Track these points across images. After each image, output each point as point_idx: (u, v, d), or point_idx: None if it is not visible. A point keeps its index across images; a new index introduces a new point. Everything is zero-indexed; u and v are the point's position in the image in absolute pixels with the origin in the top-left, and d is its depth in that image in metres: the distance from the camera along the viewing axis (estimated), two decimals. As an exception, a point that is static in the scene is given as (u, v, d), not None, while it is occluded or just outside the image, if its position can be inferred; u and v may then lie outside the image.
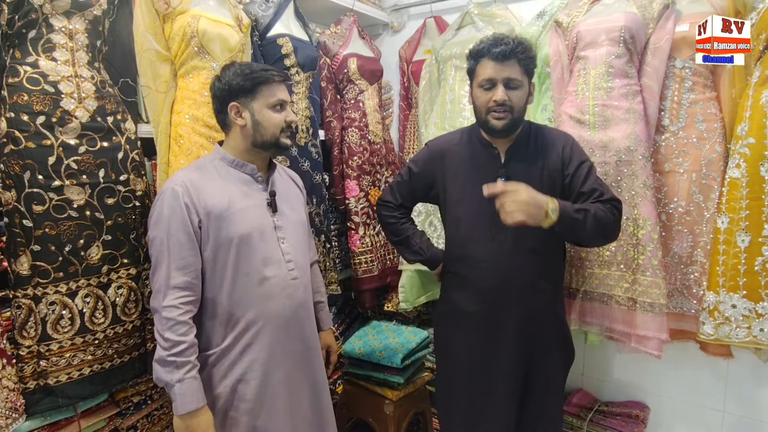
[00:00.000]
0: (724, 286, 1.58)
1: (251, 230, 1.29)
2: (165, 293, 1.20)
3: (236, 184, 1.31)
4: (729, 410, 1.88)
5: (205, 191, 1.26)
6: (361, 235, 2.17)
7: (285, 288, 1.33)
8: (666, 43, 1.67)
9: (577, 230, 1.30)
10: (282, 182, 1.44)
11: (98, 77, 1.37)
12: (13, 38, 1.26)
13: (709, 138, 1.65)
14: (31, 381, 1.27)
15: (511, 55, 1.34)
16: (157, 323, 1.21)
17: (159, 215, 1.23)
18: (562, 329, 1.53)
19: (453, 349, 1.54)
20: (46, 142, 1.26)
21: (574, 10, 1.85)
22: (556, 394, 1.54)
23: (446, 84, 2.09)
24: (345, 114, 2.23)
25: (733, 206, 1.56)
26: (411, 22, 2.59)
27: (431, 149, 1.58)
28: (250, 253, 1.28)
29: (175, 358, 1.18)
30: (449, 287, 1.58)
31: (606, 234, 1.36)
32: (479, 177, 1.42)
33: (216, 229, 1.25)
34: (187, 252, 1.22)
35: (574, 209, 1.29)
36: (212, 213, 1.25)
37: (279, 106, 1.31)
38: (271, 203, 1.35)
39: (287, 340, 1.35)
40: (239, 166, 1.33)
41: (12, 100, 1.23)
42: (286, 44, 1.87)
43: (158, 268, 1.22)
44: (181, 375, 1.18)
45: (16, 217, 1.24)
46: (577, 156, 1.43)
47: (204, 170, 1.30)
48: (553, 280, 1.50)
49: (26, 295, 1.25)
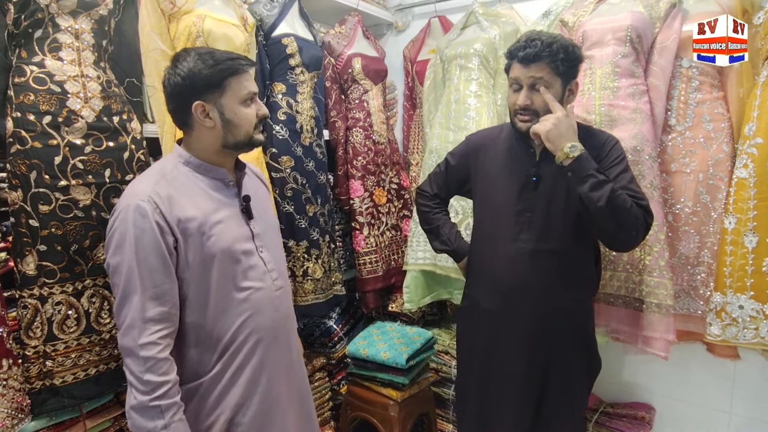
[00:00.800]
0: (731, 286, 1.57)
1: (231, 243, 1.14)
2: (141, 329, 1.03)
3: (207, 192, 1.15)
4: (736, 412, 1.87)
5: (177, 205, 1.09)
6: (365, 236, 2.17)
7: (272, 300, 1.22)
8: (673, 43, 1.66)
9: (588, 191, 1.22)
10: (250, 182, 1.29)
11: (104, 77, 1.36)
12: (19, 38, 1.25)
13: (717, 138, 1.65)
14: (37, 381, 1.26)
15: (537, 58, 1.29)
16: (132, 365, 1.04)
17: (122, 237, 1.05)
18: (585, 337, 1.48)
19: (470, 345, 1.55)
20: (53, 142, 1.26)
21: (579, 10, 1.84)
22: (576, 405, 1.48)
23: (451, 84, 2.09)
24: (349, 114, 2.22)
25: (741, 207, 1.55)
26: (415, 22, 2.59)
27: (469, 143, 1.59)
28: (233, 267, 1.15)
29: (159, 402, 1.03)
30: (471, 283, 1.58)
31: (618, 217, 1.24)
32: (511, 175, 1.43)
33: (194, 248, 1.10)
34: (162, 278, 1.06)
35: (595, 168, 1.23)
36: (188, 230, 1.09)
37: (250, 99, 1.16)
38: (245, 209, 1.20)
39: (277, 354, 1.24)
40: (207, 170, 1.17)
41: (18, 100, 1.23)
42: (291, 44, 1.87)
43: (127, 301, 1.05)
44: (167, 420, 1.04)
45: (23, 216, 1.24)
46: (614, 155, 1.36)
47: (170, 179, 1.12)
48: (575, 283, 1.42)
49: (32, 295, 1.25)
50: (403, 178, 2.36)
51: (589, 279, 1.50)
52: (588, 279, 1.49)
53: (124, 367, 1.06)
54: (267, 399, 1.21)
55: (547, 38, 1.30)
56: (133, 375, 1.04)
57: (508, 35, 2.01)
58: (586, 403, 1.57)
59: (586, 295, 1.50)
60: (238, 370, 1.16)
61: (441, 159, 2.03)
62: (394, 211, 2.32)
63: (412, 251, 2.12)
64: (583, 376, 1.49)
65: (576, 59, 1.33)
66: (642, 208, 1.28)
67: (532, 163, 1.42)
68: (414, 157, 2.47)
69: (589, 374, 1.52)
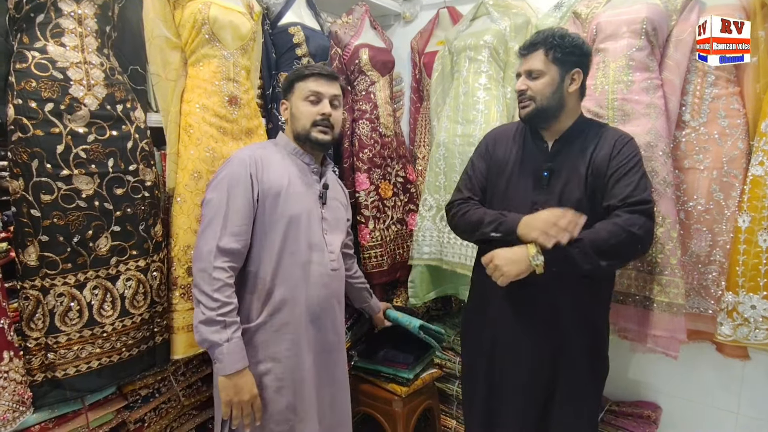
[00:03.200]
0: (743, 286, 1.54)
1: (301, 213, 1.36)
2: (216, 255, 1.24)
3: (293, 170, 1.39)
4: (743, 412, 1.85)
5: (268, 168, 1.34)
6: (371, 229, 2.14)
7: (323, 276, 1.39)
8: (689, 36, 1.62)
9: (579, 264, 1.23)
10: (333, 180, 1.54)
11: (107, 64, 1.33)
12: (21, 22, 1.22)
13: (732, 134, 1.61)
14: (39, 373, 1.24)
15: (533, 47, 1.38)
16: (204, 284, 1.24)
17: (222, 178, 1.30)
18: (596, 338, 1.44)
19: (476, 341, 1.53)
20: (55, 130, 1.23)
21: (593, 1, 1.81)
22: (583, 409, 1.44)
23: (460, 76, 2.05)
24: (356, 106, 2.19)
25: (755, 205, 1.52)
26: (423, 13, 2.54)
27: (487, 139, 1.57)
28: (299, 235, 1.35)
29: (224, 318, 1.22)
30: (477, 279, 1.56)
31: (621, 254, 1.27)
32: (524, 169, 1.44)
33: (271, 206, 1.32)
34: (243, 220, 1.29)
35: (562, 257, 1.23)
36: (271, 189, 1.33)
37: (314, 98, 1.38)
38: (322, 195, 1.43)
39: (318, 329, 1.40)
40: (299, 154, 1.43)
41: (20, 87, 1.20)
42: (298, 33, 1.83)
43: (210, 228, 1.27)
44: (230, 334, 1.23)
45: (24, 206, 1.21)
46: (626, 153, 1.33)
47: (268, 150, 1.40)
48: (584, 282, 1.37)
49: (34, 286, 1.23)
50: (409, 172, 2.33)
51: (601, 272, 1.45)
52: (598, 277, 1.44)
53: (194, 287, 1.27)
54: (301, 363, 1.36)
55: (547, 30, 1.38)
56: (204, 293, 1.23)
57: (519, 27, 1.97)
58: (594, 409, 1.53)
59: (595, 293, 1.45)
60: (281, 327, 1.34)
61: (449, 152, 2.02)
62: (400, 204, 2.29)
63: (418, 246, 2.09)
64: (590, 380, 1.43)
65: (574, 47, 1.35)
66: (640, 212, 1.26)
67: (545, 158, 1.41)
68: (420, 151, 2.44)
69: (595, 377, 1.46)
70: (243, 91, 1.61)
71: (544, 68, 1.36)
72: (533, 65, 1.37)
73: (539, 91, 1.36)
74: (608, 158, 1.34)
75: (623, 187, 1.30)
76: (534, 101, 1.37)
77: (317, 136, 1.38)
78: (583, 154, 1.37)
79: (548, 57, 1.35)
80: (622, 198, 1.29)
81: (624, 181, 1.30)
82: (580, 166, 1.36)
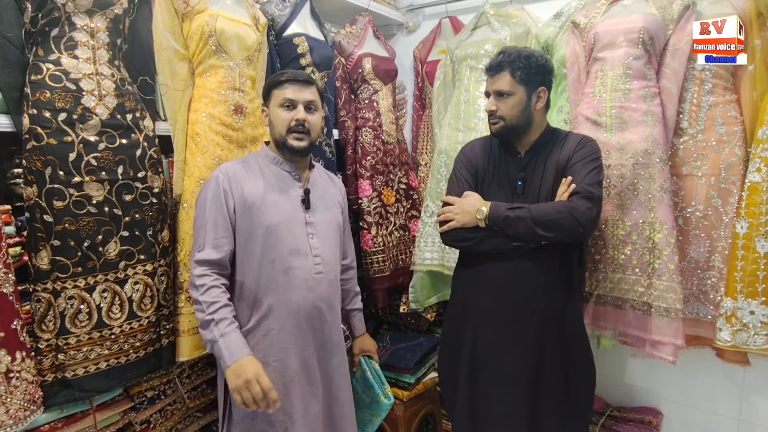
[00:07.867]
0: (742, 292, 1.55)
1: (280, 222, 1.38)
2: (198, 265, 1.33)
3: (274, 179, 1.43)
4: (744, 418, 1.85)
5: (243, 181, 1.39)
6: (373, 235, 2.17)
7: (308, 280, 1.40)
8: (686, 45, 1.65)
9: (515, 227, 1.38)
10: (321, 183, 1.54)
11: (118, 75, 1.38)
12: (36, 36, 1.27)
13: (729, 141, 1.63)
14: (49, 374, 1.28)
15: (498, 68, 1.45)
16: (193, 291, 1.32)
17: (203, 197, 1.38)
18: (576, 337, 1.49)
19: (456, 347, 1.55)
20: (67, 139, 1.28)
21: (591, 11, 1.83)
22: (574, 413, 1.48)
23: (461, 84, 2.09)
24: (359, 114, 2.23)
25: (753, 211, 1.54)
26: (426, 23, 2.58)
27: (465, 151, 1.62)
28: (278, 242, 1.38)
29: (213, 316, 1.28)
30: (459, 286, 1.60)
31: (559, 229, 1.35)
32: (500, 180, 1.52)
33: (248, 217, 1.37)
34: (223, 233, 1.35)
35: (505, 208, 1.40)
36: (246, 202, 1.37)
37: (288, 105, 1.40)
38: (304, 200, 1.44)
39: (306, 332, 1.41)
40: (279, 163, 1.45)
41: (35, 97, 1.25)
42: (302, 43, 1.88)
43: (195, 243, 1.36)
44: (223, 329, 1.28)
45: (38, 212, 1.26)
46: (581, 154, 1.44)
47: (247, 164, 1.44)
48: (560, 282, 1.47)
49: (46, 289, 1.27)
50: (411, 179, 2.37)
51: (574, 277, 1.53)
52: (572, 277, 1.52)
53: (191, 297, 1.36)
54: (288, 367, 1.38)
55: (513, 50, 1.45)
56: (195, 300, 1.32)
57: (519, 36, 2.01)
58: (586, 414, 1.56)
59: (571, 294, 1.51)
60: (269, 332, 1.37)
61: (450, 160, 2.05)
62: (403, 211, 2.32)
63: (420, 251, 2.12)
64: (579, 384, 1.48)
65: (539, 66, 1.44)
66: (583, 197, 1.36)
67: (519, 168, 1.50)
68: (423, 158, 2.47)
69: (583, 381, 1.50)
70: (248, 100, 1.65)
71: (512, 89, 1.43)
72: (501, 86, 1.44)
73: (508, 111, 1.44)
74: (571, 153, 1.45)
75: (580, 176, 1.40)
76: (504, 120, 1.46)
77: (293, 143, 1.40)
78: (552, 160, 1.48)
79: (515, 78, 1.43)
80: (576, 184, 1.39)
81: (582, 171, 1.40)
82: (550, 172, 1.46)
